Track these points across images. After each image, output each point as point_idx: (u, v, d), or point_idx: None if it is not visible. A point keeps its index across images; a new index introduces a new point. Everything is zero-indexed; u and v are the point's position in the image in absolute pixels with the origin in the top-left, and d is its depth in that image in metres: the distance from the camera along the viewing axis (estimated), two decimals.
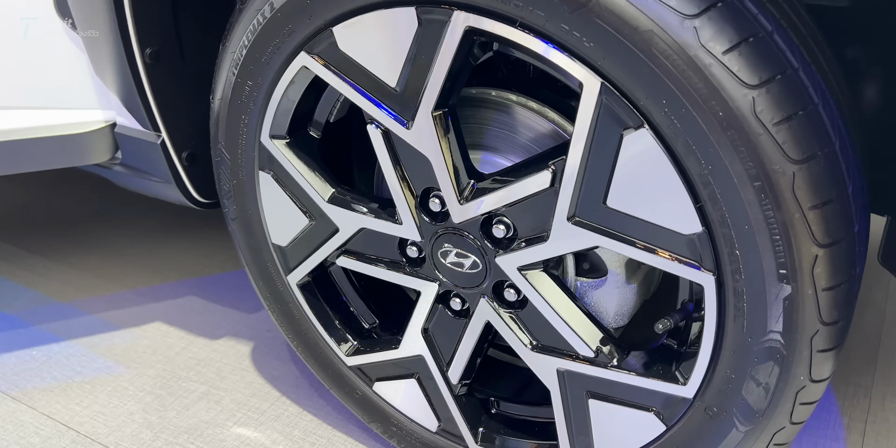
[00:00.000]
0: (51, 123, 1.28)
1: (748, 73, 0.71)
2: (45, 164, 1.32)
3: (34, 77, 1.27)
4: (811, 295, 0.78)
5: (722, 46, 0.70)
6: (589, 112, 0.80)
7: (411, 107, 0.93)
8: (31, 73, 1.27)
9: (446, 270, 1.07)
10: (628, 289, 0.99)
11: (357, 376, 1.30)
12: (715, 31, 0.70)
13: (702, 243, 0.81)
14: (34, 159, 1.30)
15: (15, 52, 1.24)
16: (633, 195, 0.83)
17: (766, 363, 0.84)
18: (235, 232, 1.28)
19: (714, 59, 0.70)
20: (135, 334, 1.76)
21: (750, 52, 0.71)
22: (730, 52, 0.70)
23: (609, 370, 0.99)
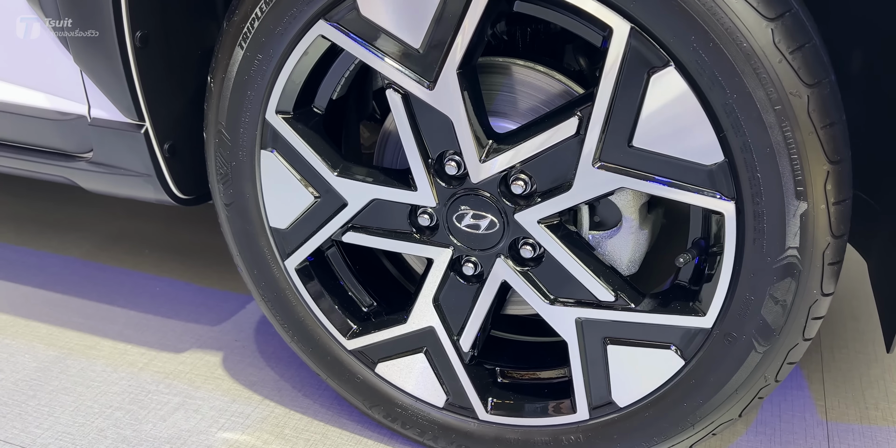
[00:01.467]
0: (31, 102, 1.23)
1: (766, 8, 0.81)
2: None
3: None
4: (823, 209, 0.88)
5: None
6: (618, 57, 0.88)
7: (434, 67, 0.98)
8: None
9: (461, 234, 1.11)
10: (641, 235, 1.07)
11: (358, 360, 1.30)
12: None
13: (723, 172, 0.90)
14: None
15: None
16: (658, 133, 0.91)
17: (784, 280, 0.93)
18: (229, 219, 1.26)
19: None
20: (89, 355, 1.66)
21: None
22: None
23: (628, 312, 1.05)
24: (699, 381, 1.04)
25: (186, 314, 1.81)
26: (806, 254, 0.91)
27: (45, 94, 1.34)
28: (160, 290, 1.91)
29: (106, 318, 1.80)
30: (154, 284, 1.94)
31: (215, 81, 1.15)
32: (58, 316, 1.81)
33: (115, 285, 1.93)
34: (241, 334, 1.72)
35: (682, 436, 1.10)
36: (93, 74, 1.23)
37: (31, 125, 1.39)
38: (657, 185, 0.94)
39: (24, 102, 1.37)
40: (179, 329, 1.75)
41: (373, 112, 1.33)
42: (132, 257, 2.07)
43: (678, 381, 1.06)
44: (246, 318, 1.79)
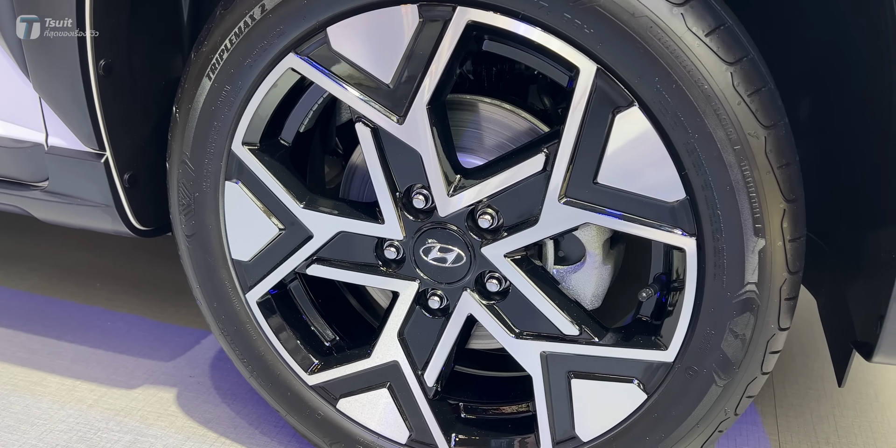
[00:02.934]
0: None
1: (726, 52, 0.85)
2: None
3: None
4: (780, 246, 0.91)
5: (704, 30, 0.84)
6: (584, 95, 0.91)
7: (404, 102, 1.00)
8: None
9: (428, 267, 1.11)
10: (604, 270, 1.09)
11: (319, 396, 1.28)
12: (697, 17, 0.84)
13: (684, 209, 0.92)
14: None
15: None
16: (622, 171, 0.93)
17: (744, 314, 0.95)
18: (189, 250, 1.25)
19: (699, 40, 0.84)
20: (34, 392, 1.60)
21: (725, 36, 0.85)
22: (710, 34, 0.84)
23: (592, 346, 1.06)
24: (661, 415, 1.05)
25: (139, 349, 1.76)
26: (764, 289, 0.93)
27: (1, 121, 1.32)
28: (111, 324, 1.86)
29: (53, 353, 1.74)
30: (105, 318, 1.88)
31: (181, 112, 1.14)
32: (1, 350, 1.74)
33: (65, 319, 1.87)
34: (196, 370, 1.68)
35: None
36: (53, 102, 1.21)
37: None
38: (621, 221, 0.96)
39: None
40: (131, 364, 1.70)
41: (335, 148, 1.34)
42: (83, 291, 2.01)
43: (641, 414, 1.07)
44: (201, 354, 1.75)
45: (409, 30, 0.95)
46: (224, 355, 1.73)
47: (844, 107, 1.14)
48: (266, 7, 1.01)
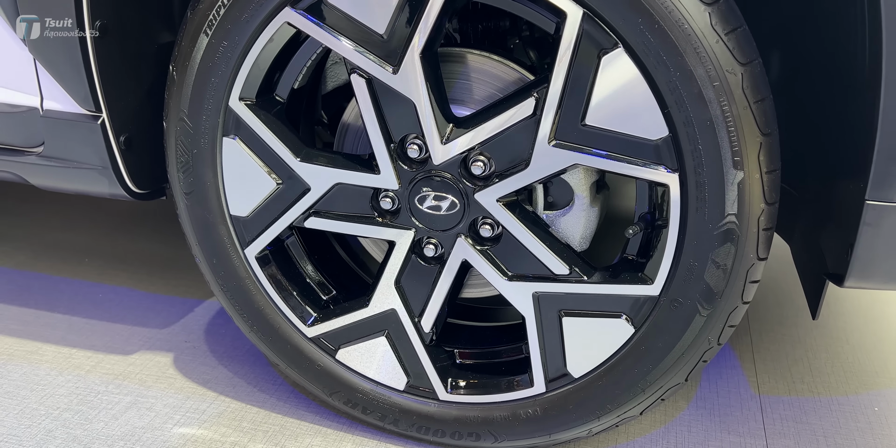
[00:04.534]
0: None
1: None
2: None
3: None
4: (758, 178, 0.97)
5: None
6: (571, 40, 0.96)
7: (398, 51, 1.04)
8: None
9: (423, 216, 1.16)
10: (592, 212, 1.14)
11: (318, 347, 1.32)
12: None
13: (667, 146, 0.98)
14: None
15: None
16: (608, 111, 0.99)
17: (725, 245, 1.01)
18: (188, 208, 1.28)
19: None
20: (31, 361, 1.62)
21: None
22: None
23: (581, 284, 1.11)
24: (648, 347, 1.11)
25: (133, 318, 1.78)
26: (743, 220, 1.00)
27: None
28: (103, 296, 1.88)
29: (47, 324, 1.75)
30: (96, 291, 1.90)
31: (178, 69, 1.17)
32: None
33: (55, 293, 1.89)
34: (191, 336, 1.71)
35: (633, 402, 1.17)
36: (49, 64, 1.23)
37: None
38: (608, 160, 1.01)
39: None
40: (126, 332, 1.72)
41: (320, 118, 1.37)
42: (71, 267, 2.02)
43: (629, 348, 1.13)
44: (195, 321, 1.78)
45: None
46: (219, 321, 1.76)
47: (814, 58, 1.20)
48: None
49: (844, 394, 1.50)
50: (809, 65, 1.24)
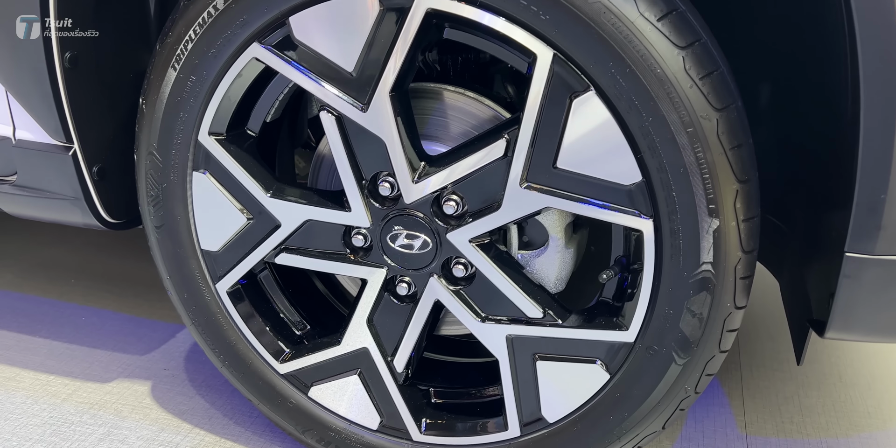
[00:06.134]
0: None
1: (678, 37, 0.87)
2: None
3: None
4: (734, 226, 0.94)
5: (656, 15, 0.86)
6: (542, 82, 0.93)
7: (367, 90, 1.01)
8: None
9: (395, 254, 1.13)
10: (567, 253, 1.11)
11: (291, 384, 1.29)
12: (649, 2, 0.86)
13: (641, 192, 0.95)
14: None
15: None
16: (580, 155, 0.95)
17: (700, 294, 0.98)
18: (159, 241, 1.25)
19: (651, 25, 0.86)
20: (8, 387, 1.60)
21: (676, 21, 0.87)
22: (662, 19, 0.87)
23: (555, 328, 1.08)
24: (624, 394, 1.07)
25: (113, 344, 1.76)
26: (719, 268, 0.96)
27: None
28: (86, 320, 1.86)
29: (27, 348, 1.73)
30: (80, 314, 1.88)
31: (147, 103, 1.15)
32: None
33: (38, 315, 1.87)
34: (170, 363, 1.69)
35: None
36: (19, 95, 1.21)
37: None
38: (581, 204, 0.98)
39: None
40: (105, 359, 1.70)
41: (308, 140, 1.35)
42: (57, 287, 2.01)
43: (604, 394, 1.09)
44: (176, 347, 1.75)
45: (369, 18, 0.96)
46: (199, 348, 1.74)
47: (803, 93, 1.17)
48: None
49: (835, 435, 1.45)
50: (798, 96, 1.20)
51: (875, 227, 0.87)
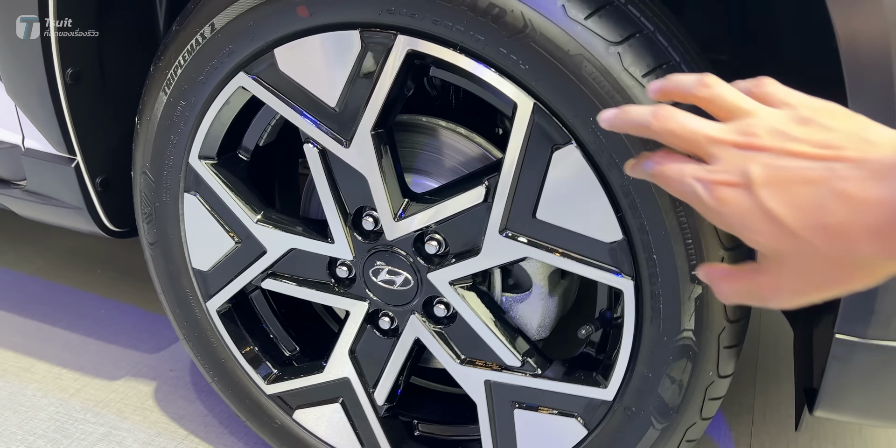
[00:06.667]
0: None
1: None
2: None
3: None
4: None
5: (641, 70, 0.80)
6: (522, 130, 0.88)
7: (350, 126, 0.98)
8: None
9: (377, 288, 1.11)
10: (550, 301, 1.06)
11: (276, 405, 1.29)
12: (634, 56, 0.80)
13: (622, 250, 0.89)
14: None
15: None
16: (560, 208, 0.90)
17: (680, 360, 0.92)
18: (153, 257, 1.26)
19: (635, 81, 0.80)
20: (22, 378, 1.65)
21: None
22: (647, 75, 0.80)
23: (534, 378, 1.04)
24: None
25: (126, 339, 1.80)
26: (701, 336, 0.90)
27: None
28: (105, 313, 1.90)
29: (46, 339, 1.79)
30: (100, 306, 1.93)
31: (142, 123, 1.14)
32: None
33: (61, 305, 1.93)
34: (177, 364, 1.71)
35: None
36: (25, 109, 1.23)
37: None
38: (560, 257, 0.93)
39: None
40: (117, 355, 1.74)
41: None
42: (83, 276, 2.06)
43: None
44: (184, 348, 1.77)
45: (351, 55, 0.93)
46: None
47: None
48: (215, 26, 1.00)
49: None
50: None
51: (867, 312, 0.80)
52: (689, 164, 0.64)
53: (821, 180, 0.55)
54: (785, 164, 0.57)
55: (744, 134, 0.60)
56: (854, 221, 0.53)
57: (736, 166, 0.59)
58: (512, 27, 0.82)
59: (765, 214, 0.57)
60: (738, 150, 0.60)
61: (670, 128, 0.64)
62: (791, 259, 0.57)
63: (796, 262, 0.57)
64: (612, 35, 0.80)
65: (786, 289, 0.59)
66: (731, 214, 0.59)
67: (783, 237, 0.56)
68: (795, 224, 0.55)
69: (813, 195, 0.54)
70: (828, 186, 0.54)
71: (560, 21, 0.80)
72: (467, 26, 0.85)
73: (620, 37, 0.80)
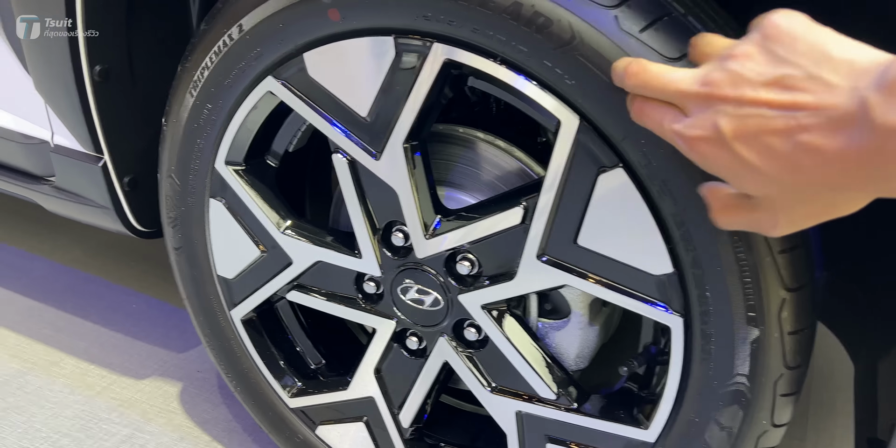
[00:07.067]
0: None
1: None
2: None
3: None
4: (777, 338, 0.79)
5: None
6: (565, 150, 0.80)
7: (381, 137, 0.92)
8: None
9: (405, 307, 1.04)
10: (591, 331, 0.99)
11: (300, 419, 1.24)
12: None
13: (671, 284, 0.81)
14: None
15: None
16: (605, 234, 0.83)
17: (731, 407, 0.84)
18: (177, 262, 1.22)
19: None
20: (51, 372, 1.64)
21: None
22: None
23: (569, 413, 0.97)
24: None
25: (156, 337, 1.77)
26: (756, 382, 0.82)
27: (13, 117, 1.32)
28: (136, 307, 1.88)
29: (76, 333, 1.78)
30: (132, 301, 1.91)
31: (168, 125, 1.10)
32: (30, 326, 1.79)
33: (94, 298, 1.91)
34: (204, 365, 1.68)
35: None
36: (54, 106, 1.19)
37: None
38: (603, 288, 0.86)
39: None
40: (145, 352, 1.72)
41: None
42: (117, 268, 2.05)
43: None
44: None
45: (384, 62, 0.86)
46: None
47: None
48: (244, 27, 0.94)
49: None
50: None
51: None
52: (668, 113, 0.63)
53: (785, 130, 0.54)
54: (748, 112, 0.56)
55: (706, 84, 0.59)
56: (825, 171, 0.53)
57: (706, 119, 0.59)
58: (558, 38, 0.75)
59: (744, 166, 0.57)
60: (705, 102, 0.59)
61: (642, 83, 0.64)
62: (780, 199, 0.59)
63: (786, 201, 0.59)
64: (669, 50, 0.72)
65: (782, 222, 0.60)
66: (714, 167, 0.61)
67: (767, 183, 0.58)
68: (774, 173, 0.56)
69: (782, 145, 0.55)
70: (792, 138, 0.54)
71: (612, 33, 0.72)
72: (509, 36, 0.77)
73: (679, 52, 0.72)
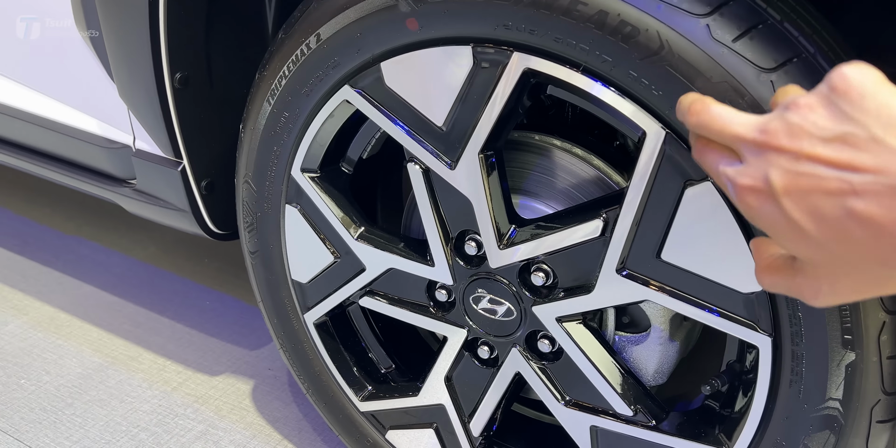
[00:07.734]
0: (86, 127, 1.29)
1: None
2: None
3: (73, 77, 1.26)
4: (875, 362, 0.75)
5: None
6: (650, 162, 0.78)
7: (457, 147, 0.90)
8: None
9: (477, 316, 1.03)
10: (670, 346, 0.96)
11: (370, 423, 1.25)
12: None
13: (761, 303, 0.78)
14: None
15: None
16: (690, 249, 0.80)
17: (822, 432, 0.80)
18: (253, 266, 1.24)
19: None
20: (130, 367, 1.69)
21: None
22: None
23: (647, 430, 0.94)
24: None
25: (228, 334, 1.81)
26: (850, 408, 0.78)
27: (98, 122, 1.36)
28: (210, 304, 1.93)
29: (153, 328, 1.83)
30: (205, 298, 1.95)
31: (245, 132, 1.11)
32: (110, 320, 1.85)
33: (169, 294, 1.97)
34: (276, 363, 1.71)
35: None
36: (136, 112, 1.22)
37: (84, 148, 1.41)
38: (687, 305, 0.83)
39: (81, 127, 1.39)
40: (219, 349, 1.76)
41: None
42: (191, 265, 2.10)
43: None
44: None
45: (462, 72, 0.85)
46: None
47: None
48: (321, 37, 0.94)
49: None
50: None
51: None
52: (724, 157, 0.59)
53: (837, 193, 0.50)
54: (802, 169, 0.52)
55: (763, 131, 0.55)
56: (876, 244, 0.49)
57: (759, 169, 0.54)
58: (645, 48, 0.72)
59: (791, 225, 0.53)
60: (760, 150, 0.55)
61: (702, 123, 0.60)
62: (825, 267, 0.54)
63: (832, 270, 0.54)
64: (765, 60, 0.68)
65: (825, 292, 0.55)
66: (760, 221, 0.56)
67: (812, 248, 0.53)
68: (820, 238, 0.52)
69: (832, 209, 0.50)
70: (844, 203, 0.49)
71: (703, 43, 0.69)
72: (593, 45, 0.75)
73: (775, 62, 0.68)
